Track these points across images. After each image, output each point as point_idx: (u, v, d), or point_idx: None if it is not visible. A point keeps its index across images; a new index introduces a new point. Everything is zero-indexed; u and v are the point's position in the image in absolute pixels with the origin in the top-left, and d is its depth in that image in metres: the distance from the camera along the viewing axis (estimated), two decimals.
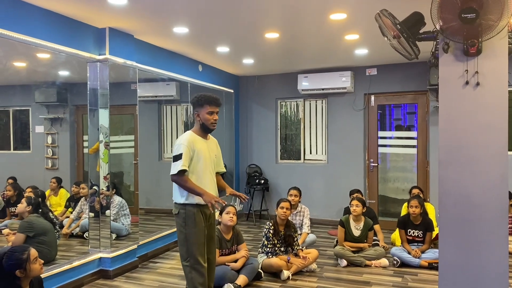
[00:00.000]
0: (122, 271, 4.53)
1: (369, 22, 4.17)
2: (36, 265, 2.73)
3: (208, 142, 3.38)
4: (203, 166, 3.25)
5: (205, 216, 3.28)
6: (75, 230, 5.66)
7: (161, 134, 7.62)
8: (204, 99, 3.26)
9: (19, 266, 2.66)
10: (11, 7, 3.48)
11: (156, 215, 6.99)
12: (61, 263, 4.13)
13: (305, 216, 5.37)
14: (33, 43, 3.64)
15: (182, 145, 3.17)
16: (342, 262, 4.84)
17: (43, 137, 7.43)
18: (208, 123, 3.27)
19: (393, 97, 6.78)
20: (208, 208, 3.24)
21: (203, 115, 3.26)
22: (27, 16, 3.61)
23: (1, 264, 2.68)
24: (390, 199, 6.93)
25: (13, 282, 2.68)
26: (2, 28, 3.34)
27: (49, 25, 3.84)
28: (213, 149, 3.41)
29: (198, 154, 3.22)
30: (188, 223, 3.20)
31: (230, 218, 4.30)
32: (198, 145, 3.24)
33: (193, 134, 3.29)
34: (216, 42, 5.20)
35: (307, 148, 7.32)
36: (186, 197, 3.21)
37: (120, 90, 4.80)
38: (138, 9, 3.90)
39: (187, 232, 3.21)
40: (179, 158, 3.12)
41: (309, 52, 5.72)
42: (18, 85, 7.00)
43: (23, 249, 2.75)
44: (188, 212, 3.21)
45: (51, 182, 6.68)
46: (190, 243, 3.20)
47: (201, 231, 3.22)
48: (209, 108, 3.25)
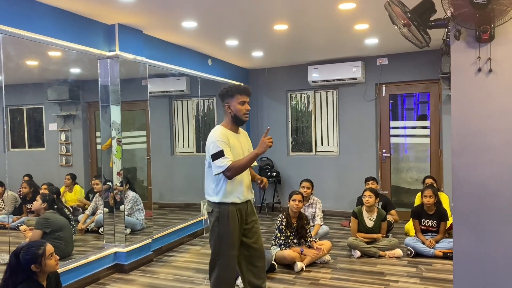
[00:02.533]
0: (137, 265, 4.59)
1: (379, 11, 4.12)
2: (51, 260, 2.78)
3: (240, 136, 3.21)
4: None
5: (241, 215, 3.11)
6: (90, 226, 5.74)
7: (172, 129, 7.66)
8: (235, 89, 3.11)
9: (35, 261, 2.71)
10: (22, 6, 3.51)
11: (169, 209, 7.05)
12: (77, 258, 4.19)
13: (318, 208, 5.37)
14: (44, 41, 3.67)
15: (218, 141, 3.00)
16: (355, 253, 4.83)
17: (57, 134, 7.53)
18: (240, 114, 3.09)
19: (404, 87, 6.71)
20: (245, 206, 3.12)
21: (234, 106, 3.08)
22: (37, 14, 3.64)
23: (18, 258, 2.73)
24: (403, 190, 6.88)
25: (31, 277, 2.73)
26: (14, 27, 3.38)
27: (59, 23, 3.87)
28: (245, 143, 3.24)
29: (232, 149, 3.07)
30: (222, 222, 3.05)
31: None
32: (231, 139, 3.08)
33: (224, 129, 3.12)
34: (225, 35, 5.19)
35: (319, 140, 7.30)
36: (220, 196, 3.06)
37: (131, 86, 4.82)
38: (146, 4, 3.91)
39: (220, 231, 3.06)
40: (221, 155, 2.95)
41: (319, 43, 5.68)
42: (31, 83, 7.09)
43: (40, 245, 2.80)
44: (222, 211, 3.05)
45: (66, 179, 6.77)
46: (222, 243, 3.06)
47: (235, 231, 3.06)
48: (240, 97, 3.08)
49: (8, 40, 3.38)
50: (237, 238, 3.08)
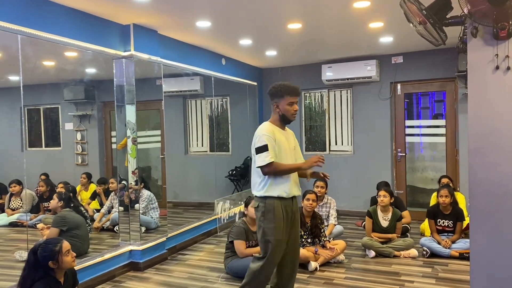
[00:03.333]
0: (152, 263, 4.63)
1: (394, 9, 4.08)
2: (68, 257, 2.82)
3: (286, 134, 3.24)
4: (284, 158, 3.09)
5: (286, 212, 3.07)
6: (106, 224, 5.81)
7: (186, 128, 7.70)
8: (284, 89, 3.12)
9: (52, 257, 2.75)
10: (39, 8, 3.57)
11: (183, 208, 7.09)
12: (93, 255, 4.24)
13: (332, 207, 5.34)
14: (61, 41, 3.72)
15: (264, 135, 3.04)
16: (370, 253, 4.80)
17: (73, 134, 7.62)
18: (288, 114, 3.15)
19: (420, 85, 6.63)
20: (291, 203, 3.10)
21: (283, 106, 3.13)
22: (54, 15, 3.70)
23: (36, 256, 2.78)
24: (418, 189, 6.81)
25: (48, 273, 2.78)
26: (31, 28, 3.43)
27: (76, 23, 3.92)
28: (291, 141, 3.26)
29: (279, 144, 3.09)
30: (267, 218, 3.02)
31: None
32: (278, 135, 3.11)
33: (272, 125, 3.16)
34: (238, 34, 5.20)
35: (332, 139, 7.26)
36: (266, 189, 3.04)
37: (145, 86, 4.86)
38: (161, 4, 3.94)
39: (265, 226, 3.02)
40: (265, 150, 2.99)
41: (333, 41, 5.65)
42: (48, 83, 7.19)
43: (56, 242, 2.84)
44: (267, 206, 3.02)
45: (82, 178, 6.86)
46: (268, 239, 3.02)
47: (281, 227, 3.01)
48: (289, 98, 3.12)
49: (26, 41, 3.44)
50: (282, 235, 3.03)
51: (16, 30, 3.30)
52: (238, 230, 4.29)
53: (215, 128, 7.48)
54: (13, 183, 6.53)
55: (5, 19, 3.21)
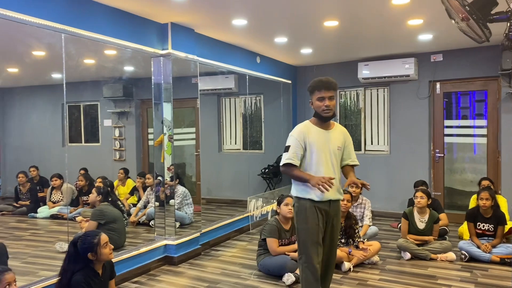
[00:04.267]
0: (186, 257, 4.70)
1: (434, 5, 3.97)
2: (106, 249, 2.91)
3: (330, 132, 3.02)
4: (317, 160, 2.92)
5: (321, 214, 2.94)
6: (142, 218, 5.95)
7: (220, 126, 7.77)
8: (313, 85, 2.98)
9: (91, 249, 2.85)
10: (81, 7, 3.68)
11: (216, 204, 7.17)
12: (129, 249, 4.35)
13: (366, 208, 5.26)
14: (102, 40, 3.83)
15: (292, 136, 2.98)
16: (405, 255, 4.69)
17: (111, 130, 7.85)
18: (319, 110, 2.96)
19: (460, 84, 6.42)
20: (327, 206, 2.96)
21: (314, 102, 2.99)
22: (95, 14, 3.81)
23: (76, 247, 2.88)
24: (457, 191, 6.61)
25: (88, 265, 2.88)
26: (74, 27, 3.55)
27: (115, 22, 4.03)
28: (336, 140, 3.03)
29: (311, 146, 2.92)
30: (300, 218, 2.97)
31: (289, 210, 4.31)
32: (313, 136, 2.94)
33: (309, 124, 3.03)
34: (274, 32, 5.19)
35: (368, 138, 7.15)
36: (299, 190, 2.97)
37: (181, 84, 4.94)
38: (198, 3, 3.98)
39: (299, 227, 2.98)
40: (287, 151, 2.93)
41: (370, 39, 5.56)
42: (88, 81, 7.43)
43: (95, 234, 2.94)
44: (300, 207, 2.96)
45: (119, 173, 7.05)
46: (302, 240, 2.96)
47: (313, 229, 2.91)
48: (318, 93, 2.95)
49: (69, 39, 3.56)
50: (316, 237, 2.92)
51: (60, 29, 3.42)
52: (271, 228, 4.30)
53: (249, 126, 7.51)
54: (54, 177, 6.79)
55: (50, 19, 3.33)
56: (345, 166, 3.12)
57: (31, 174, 7.36)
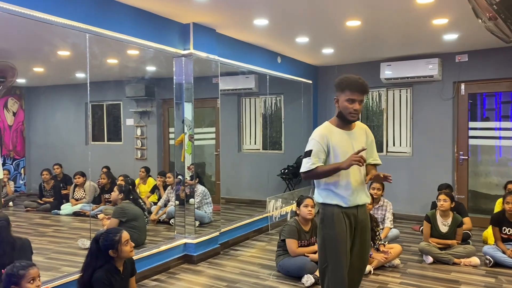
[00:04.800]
0: (205, 256, 4.72)
1: (461, 4, 3.89)
2: (127, 247, 2.94)
3: (352, 133, 2.84)
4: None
5: (349, 220, 2.77)
6: (162, 217, 6.00)
7: (240, 126, 7.78)
8: (346, 83, 2.72)
9: (112, 246, 2.88)
10: (105, 7, 3.73)
11: (236, 204, 7.18)
12: (149, 247, 4.39)
13: (388, 210, 5.18)
14: (125, 40, 3.88)
15: (313, 140, 2.77)
16: (427, 258, 4.61)
17: (133, 129, 7.96)
18: (346, 112, 2.74)
19: (486, 85, 6.27)
20: (355, 211, 2.78)
21: (341, 102, 2.74)
22: (118, 14, 3.86)
23: (98, 244, 2.92)
24: (481, 195, 6.45)
25: (109, 262, 2.92)
26: (98, 27, 3.60)
27: (138, 22, 4.07)
28: (360, 140, 2.85)
29: (335, 149, 2.74)
30: (326, 225, 2.77)
31: (309, 211, 4.28)
32: (335, 138, 2.77)
33: (329, 125, 2.83)
34: (295, 32, 5.17)
35: (390, 140, 7.04)
36: (325, 196, 2.79)
37: (202, 84, 4.96)
38: (220, 3, 3.99)
39: (325, 234, 2.78)
40: (309, 155, 2.73)
41: (393, 39, 5.48)
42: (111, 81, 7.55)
43: (116, 232, 2.98)
44: (326, 213, 2.77)
45: (141, 172, 7.13)
46: (328, 247, 2.77)
47: (341, 236, 2.73)
48: (350, 94, 2.70)
49: (93, 39, 3.62)
50: (344, 244, 2.75)
51: (85, 29, 3.48)
52: (290, 229, 4.28)
53: (269, 126, 7.50)
54: (77, 175, 6.92)
55: (75, 19, 3.39)
56: (367, 165, 2.93)
57: (54, 171, 7.51)
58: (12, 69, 4.77)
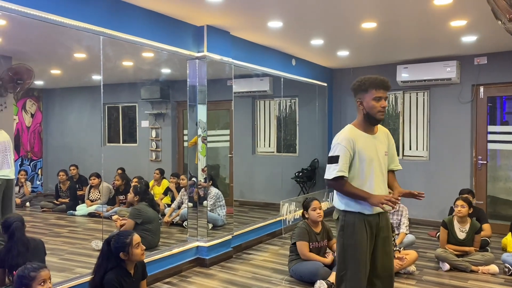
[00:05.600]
0: (217, 260, 4.69)
1: (480, 5, 3.80)
2: (138, 250, 2.93)
3: (376, 137, 2.78)
4: (367, 169, 2.69)
5: (370, 228, 2.70)
6: (176, 219, 6.00)
7: (254, 128, 7.76)
8: (369, 82, 2.69)
9: (123, 249, 2.88)
10: (119, 10, 3.75)
11: (249, 207, 7.15)
12: (162, 249, 4.39)
13: (404, 215, 5.08)
14: (139, 42, 3.89)
15: (339, 145, 2.67)
16: (444, 266, 4.50)
17: (148, 131, 8.00)
18: (374, 111, 2.67)
19: (506, 88, 6.12)
20: (376, 219, 2.73)
21: (367, 102, 2.68)
22: (132, 17, 3.87)
23: (110, 246, 2.93)
24: (500, 200, 6.29)
25: (120, 264, 2.91)
26: (111, 29, 3.62)
27: (152, 24, 4.08)
28: (383, 145, 2.80)
29: (360, 154, 2.68)
30: (347, 233, 2.71)
31: (318, 214, 4.25)
32: (361, 142, 2.69)
33: (354, 129, 2.75)
34: (310, 34, 5.12)
35: (406, 143, 6.93)
36: (347, 204, 2.72)
37: (216, 86, 4.96)
38: (234, 5, 3.98)
39: (345, 242, 2.72)
40: (335, 161, 2.65)
41: (409, 41, 5.39)
42: (127, 83, 7.60)
43: (128, 234, 2.97)
44: (347, 220, 2.71)
45: (155, 173, 7.15)
46: (348, 255, 2.71)
47: (362, 245, 2.67)
48: (376, 92, 2.67)
49: (106, 41, 3.63)
50: (364, 253, 2.69)
51: (98, 32, 3.49)
52: (300, 231, 4.24)
53: (283, 129, 7.46)
54: (92, 176, 6.97)
55: (89, 21, 3.40)
56: (388, 171, 2.88)
57: (71, 172, 7.59)
58: (29, 71, 4.83)
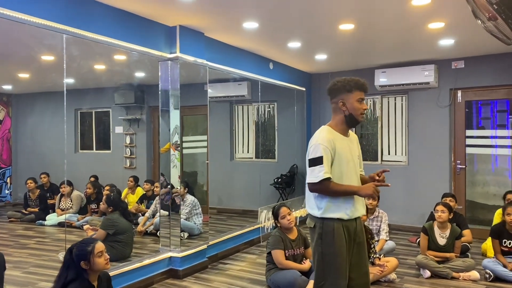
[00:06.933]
0: (191, 271, 4.48)
1: (458, 6, 3.74)
2: (100, 259, 2.72)
3: (349, 140, 2.73)
4: (346, 170, 2.62)
5: (349, 234, 2.61)
6: (150, 228, 5.78)
7: (233, 134, 7.61)
8: (354, 83, 2.63)
9: (84, 257, 2.67)
10: (84, 7, 3.55)
11: (227, 215, 6.98)
12: (132, 260, 4.17)
13: (383, 221, 4.98)
14: (106, 42, 3.68)
15: (321, 145, 2.56)
16: (425, 273, 4.40)
17: (122, 137, 7.76)
18: (357, 113, 2.64)
19: (483, 92, 6.12)
20: (354, 223, 2.64)
21: (352, 103, 2.63)
22: (99, 15, 3.67)
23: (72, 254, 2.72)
24: (478, 205, 6.27)
25: (81, 275, 2.69)
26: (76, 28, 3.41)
27: (121, 24, 3.88)
28: (355, 149, 2.76)
29: (340, 155, 2.60)
30: (326, 241, 2.59)
31: (288, 221, 4.11)
32: (339, 144, 2.62)
33: (331, 130, 2.67)
34: (287, 36, 5.00)
35: (385, 148, 6.86)
36: (325, 210, 2.59)
37: (192, 90, 4.80)
38: (208, 5, 3.82)
39: (324, 251, 2.60)
40: (319, 163, 2.54)
41: (388, 44, 5.32)
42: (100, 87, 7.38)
43: (90, 242, 2.78)
44: (326, 227, 2.59)
45: (129, 181, 6.92)
46: (327, 265, 2.60)
47: (341, 253, 2.57)
48: (359, 94, 2.64)
49: (70, 40, 3.42)
50: (344, 262, 2.59)
51: (61, 30, 3.28)
52: (275, 240, 4.09)
53: (261, 135, 7.33)
54: (63, 184, 6.69)
55: (49, 18, 3.19)
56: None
57: (41, 180, 7.31)
58: None
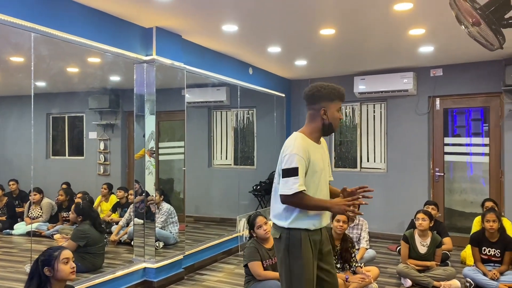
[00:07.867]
0: (167, 282, 4.30)
1: (439, 12, 3.73)
2: (66, 266, 2.53)
3: (321, 149, 2.63)
4: (317, 180, 2.53)
5: (315, 244, 2.54)
6: (123, 237, 5.56)
7: (211, 140, 7.47)
8: (336, 92, 2.55)
9: (48, 263, 2.50)
10: (56, 6, 3.37)
11: (205, 223, 6.81)
12: (105, 272, 3.97)
13: (364, 229, 4.91)
14: (78, 42, 3.51)
15: (296, 155, 2.42)
16: (406, 282, 4.34)
17: (96, 143, 7.51)
18: (336, 122, 2.57)
19: (461, 100, 6.16)
20: (319, 233, 2.58)
21: (333, 112, 2.54)
22: (72, 14, 3.50)
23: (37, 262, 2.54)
24: (456, 212, 6.29)
25: (45, 284, 2.50)
26: (46, 27, 3.23)
27: (94, 24, 3.71)
28: (326, 156, 2.68)
29: (314, 165, 2.49)
30: (293, 253, 2.49)
31: (265, 231, 3.92)
32: (313, 152, 2.51)
33: (305, 138, 2.53)
34: (267, 41, 4.91)
35: (364, 155, 6.83)
36: (292, 221, 2.49)
37: (168, 95, 4.64)
38: (185, 6, 3.70)
39: (292, 263, 2.50)
40: (294, 174, 2.41)
41: (368, 50, 5.29)
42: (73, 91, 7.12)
43: (57, 248, 2.62)
44: (292, 238, 2.49)
45: (103, 188, 6.68)
46: (294, 278, 2.50)
47: (308, 264, 2.49)
48: (339, 103, 2.56)
49: (40, 40, 3.23)
50: (312, 273, 2.51)
51: (29, 28, 3.09)
52: (250, 251, 3.90)
53: (240, 141, 7.21)
54: (33, 191, 6.40)
55: (17, 16, 3.01)
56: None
57: (10, 188, 6.99)
58: None
